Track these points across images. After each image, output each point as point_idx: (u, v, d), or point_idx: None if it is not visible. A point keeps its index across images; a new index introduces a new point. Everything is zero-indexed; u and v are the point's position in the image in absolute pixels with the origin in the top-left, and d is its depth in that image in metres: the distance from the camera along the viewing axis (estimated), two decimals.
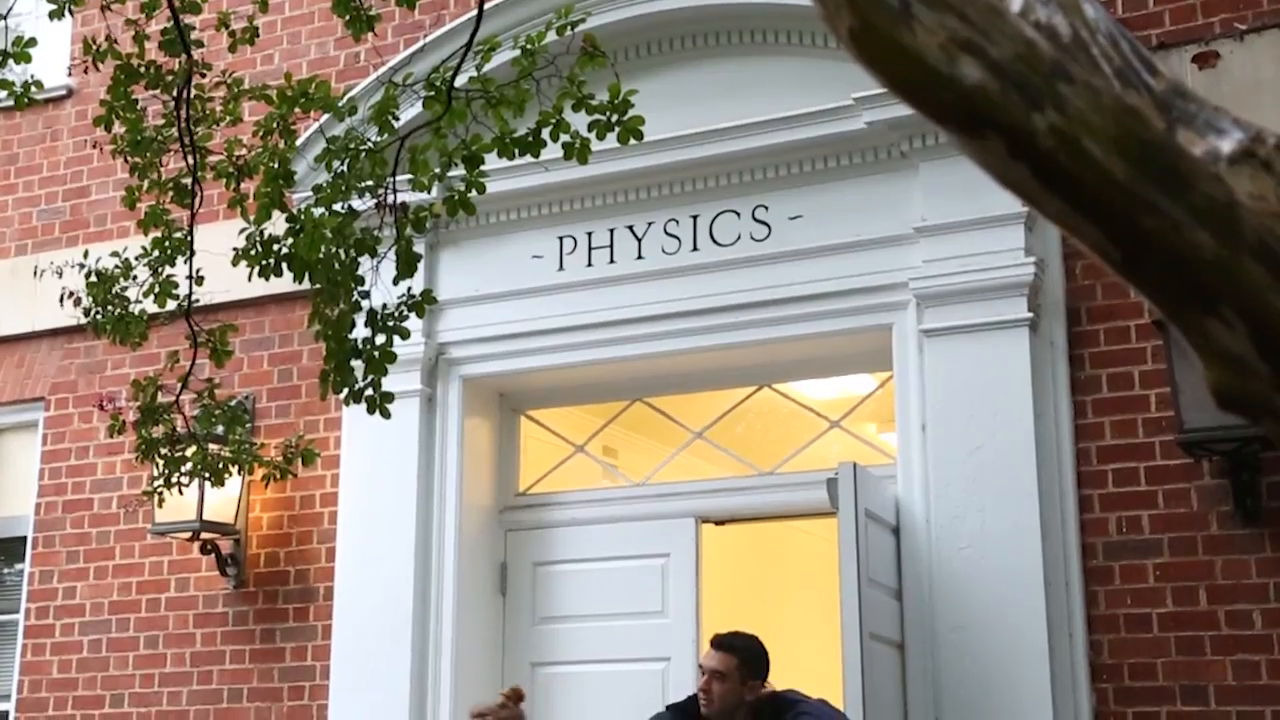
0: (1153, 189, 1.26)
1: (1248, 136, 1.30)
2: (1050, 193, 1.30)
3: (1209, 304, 1.24)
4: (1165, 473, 4.73)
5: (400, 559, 5.73)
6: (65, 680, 6.28)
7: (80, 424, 6.57)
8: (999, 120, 1.29)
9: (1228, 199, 1.25)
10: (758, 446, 6.15)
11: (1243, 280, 1.22)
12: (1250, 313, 1.23)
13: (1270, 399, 1.23)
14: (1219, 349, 1.25)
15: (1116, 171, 1.26)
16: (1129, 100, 1.28)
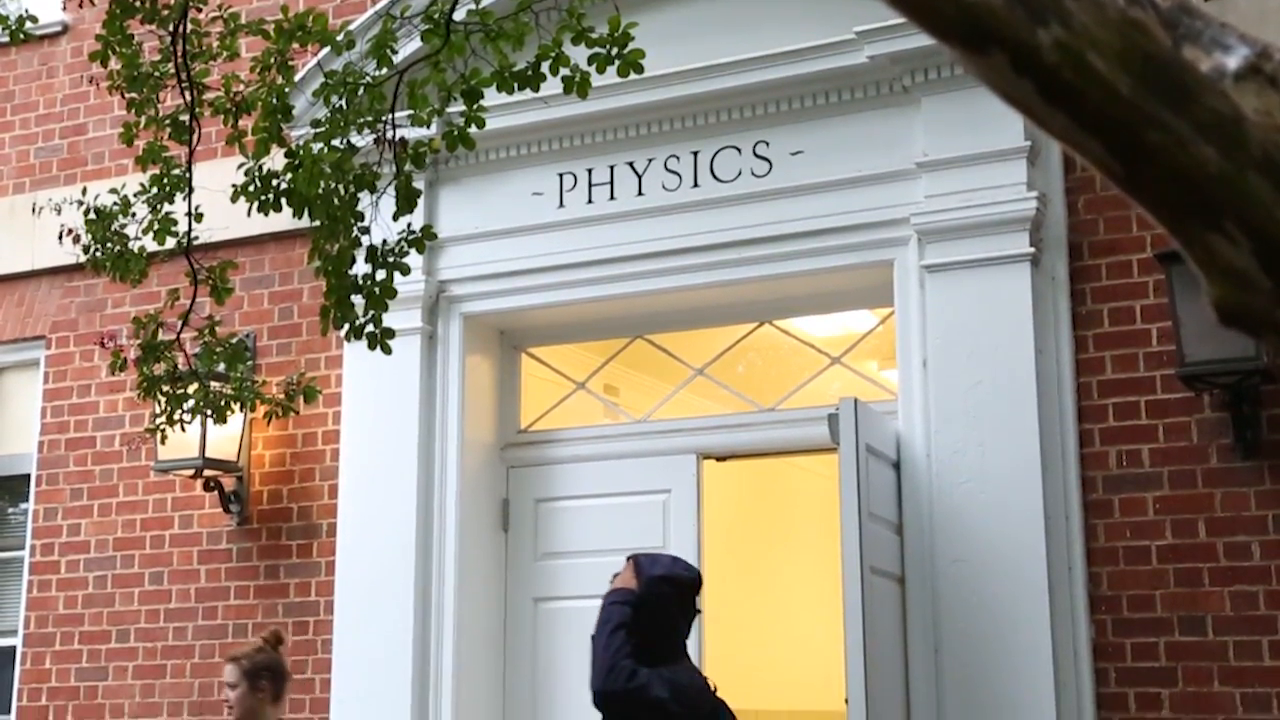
0: (1157, 104, 1.25)
1: (1254, 52, 1.29)
2: (1054, 109, 1.29)
3: (1213, 219, 1.24)
4: (1165, 406, 4.74)
5: (402, 496, 5.75)
6: (71, 616, 6.33)
7: (81, 362, 6.58)
8: (1003, 35, 1.28)
9: (1233, 114, 1.23)
10: (759, 383, 6.16)
11: (1247, 195, 1.22)
12: (1254, 228, 1.22)
13: (1273, 314, 1.23)
14: (1222, 264, 1.24)
15: (1121, 86, 1.25)
16: (1134, 15, 1.27)
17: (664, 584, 4.05)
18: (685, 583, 4.10)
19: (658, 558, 4.24)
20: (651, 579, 4.05)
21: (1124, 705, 4.64)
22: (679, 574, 4.12)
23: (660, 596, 4.04)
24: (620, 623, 4.01)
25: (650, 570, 4.09)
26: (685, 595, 4.10)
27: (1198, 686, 4.56)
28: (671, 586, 4.06)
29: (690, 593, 4.12)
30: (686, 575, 4.14)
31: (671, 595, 4.06)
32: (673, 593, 4.06)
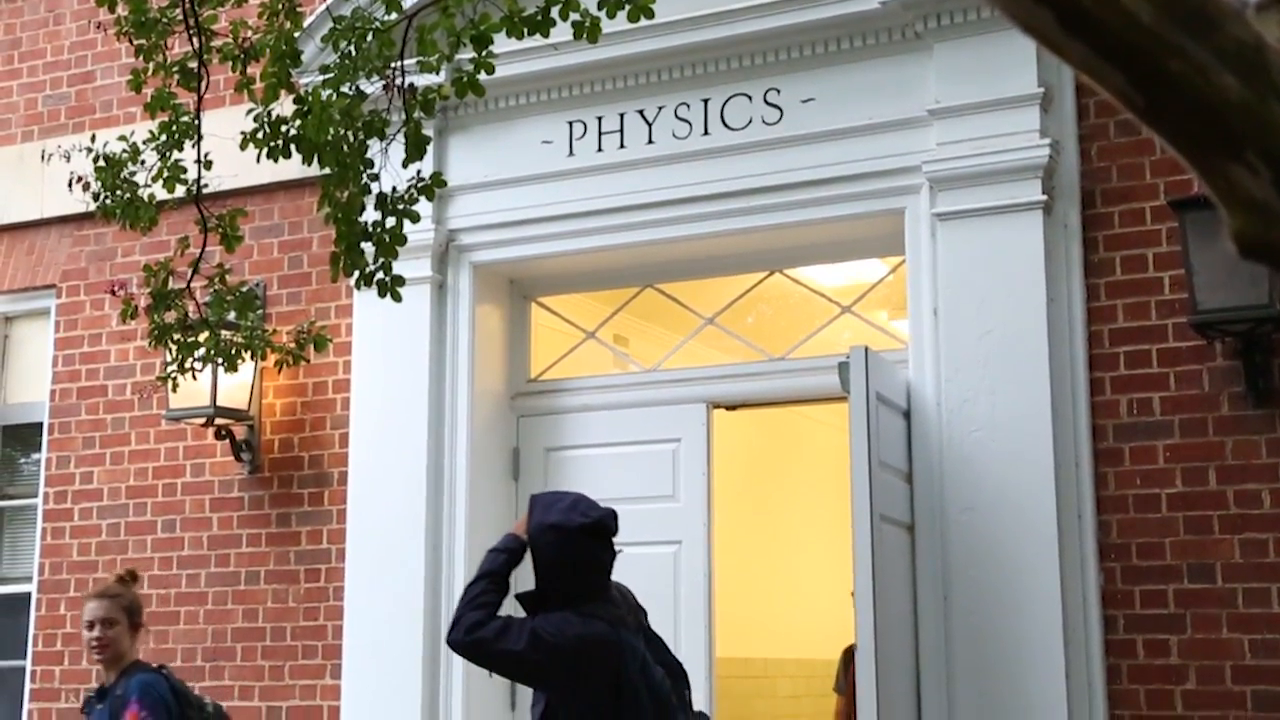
0: (1179, 32, 1.23)
1: None
2: (1074, 38, 1.28)
3: (1233, 149, 1.22)
4: (1177, 355, 4.73)
5: (413, 445, 5.77)
6: (85, 563, 6.37)
7: (92, 311, 6.58)
8: None
9: (1255, 42, 1.22)
10: (769, 332, 6.15)
11: (1268, 124, 1.20)
12: (1275, 157, 1.21)
13: None
14: (1242, 195, 1.23)
15: (1142, 14, 1.23)
16: None
17: (550, 532, 3.77)
18: (572, 530, 3.76)
19: (555, 502, 3.90)
20: (539, 526, 3.81)
21: (1132, 651, 4.66)
22: (570, 521, 3.78)
23: (546, 545, 3.78)
24: (486, 571, 3.84)
25: (541, 517, 3.83)
26: (576, 542, 3.77)
27: (1206, 633, 4.57)
28: (556, 534, 3.76)
29: (583, 538, 3.78)
30: (581, 521, 3.79)
31: (557, 543, 3.76)
32: (558, 540, 3.75)
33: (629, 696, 3.73)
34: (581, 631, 3.72)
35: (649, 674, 3.80)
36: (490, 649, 3.74)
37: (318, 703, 5.85)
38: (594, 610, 3.77)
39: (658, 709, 3.77)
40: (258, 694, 5.96)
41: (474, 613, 3.77)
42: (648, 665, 3.82)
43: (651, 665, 3.84)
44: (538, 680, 3.83)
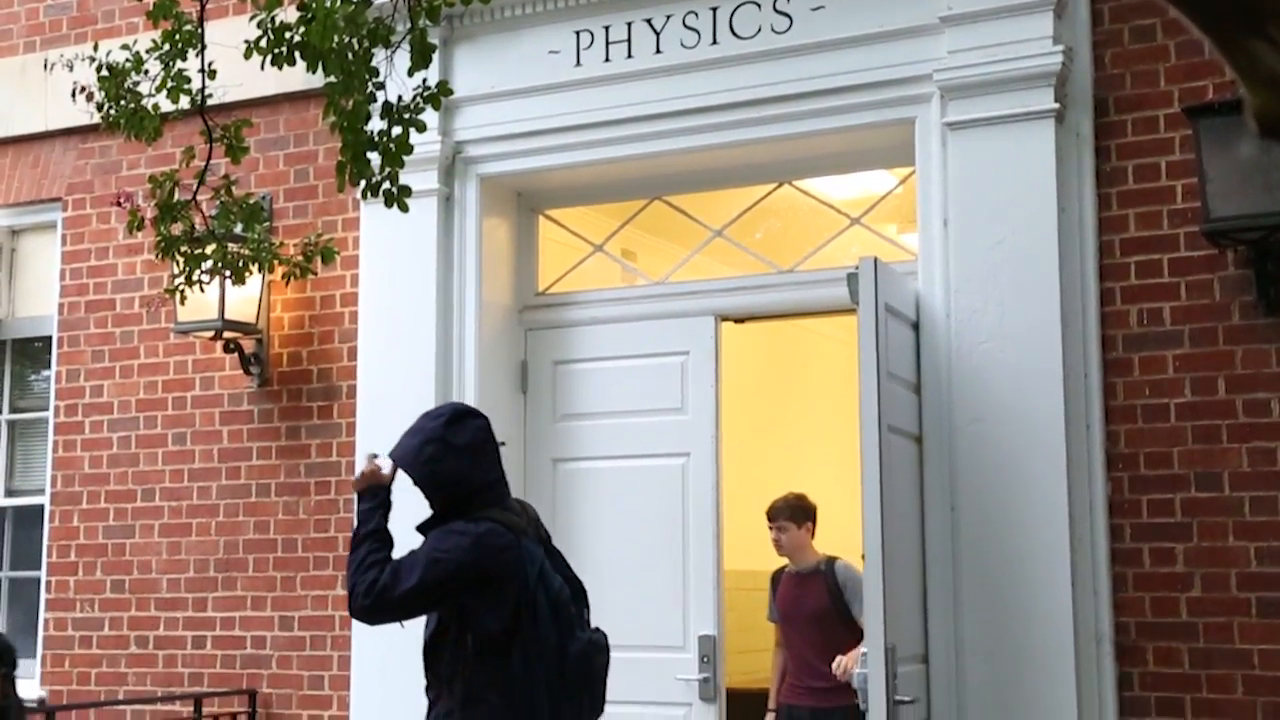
0: None
1: None
2: None
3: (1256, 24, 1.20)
4: (1188, 264, 4.70)
5: (421, 358, 5.77)
6: (97, 475, 6.41)
7: (99, 224, 6.57)
8: None
9: None
10: (777, 245, 6.13)
11: None
12: None
13: None
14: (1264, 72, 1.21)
15: None
16: None
17: (423, 449, 3.73)
18: (438, 430, 3.73)
19: (409, 431, 3.84)
20: (408, 453, 3.74)
21: (1138, 560, 4.69)
22: (431, 427, 3.77)
23: (426, 462, 3.72)
24: (366, 533, 3.74)
25: (405, 444, 3.77)
26: (447, 439, 3.73)
27: (1212, 541, 4.59)
28: (430, 446, 3.72)
29: (451, 430, 3.74)
30: (438, 420, 3.78)
31: (436, 456, 3.71)
32: (436, 452, 3.72)
33: (526, 603, 3.65)
34: (475, 534, 3.65)
35: (548, 582, 3.72)
36: (393, 597, 3.60)
37: (329, 613, 5.91)
38: (487, 515, 3.70)
39: (557, 617, 3.69)
40: (270, 604, 6.03)
41: (366, 574, 3.64)
42: (547, 573, 3.74)
43: (551, 574, 3.76)
44: (448, 603, 3.66)
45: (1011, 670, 4.69)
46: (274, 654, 5.98)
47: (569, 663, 3.68)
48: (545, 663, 3.64)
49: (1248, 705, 4.48)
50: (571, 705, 3.69)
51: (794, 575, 5.75)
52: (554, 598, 3.73)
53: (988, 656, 4.73)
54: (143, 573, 6.29)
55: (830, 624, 5.58)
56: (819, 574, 5.71)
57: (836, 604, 5.60)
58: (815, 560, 5.78)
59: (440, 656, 3.72)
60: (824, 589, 5.65)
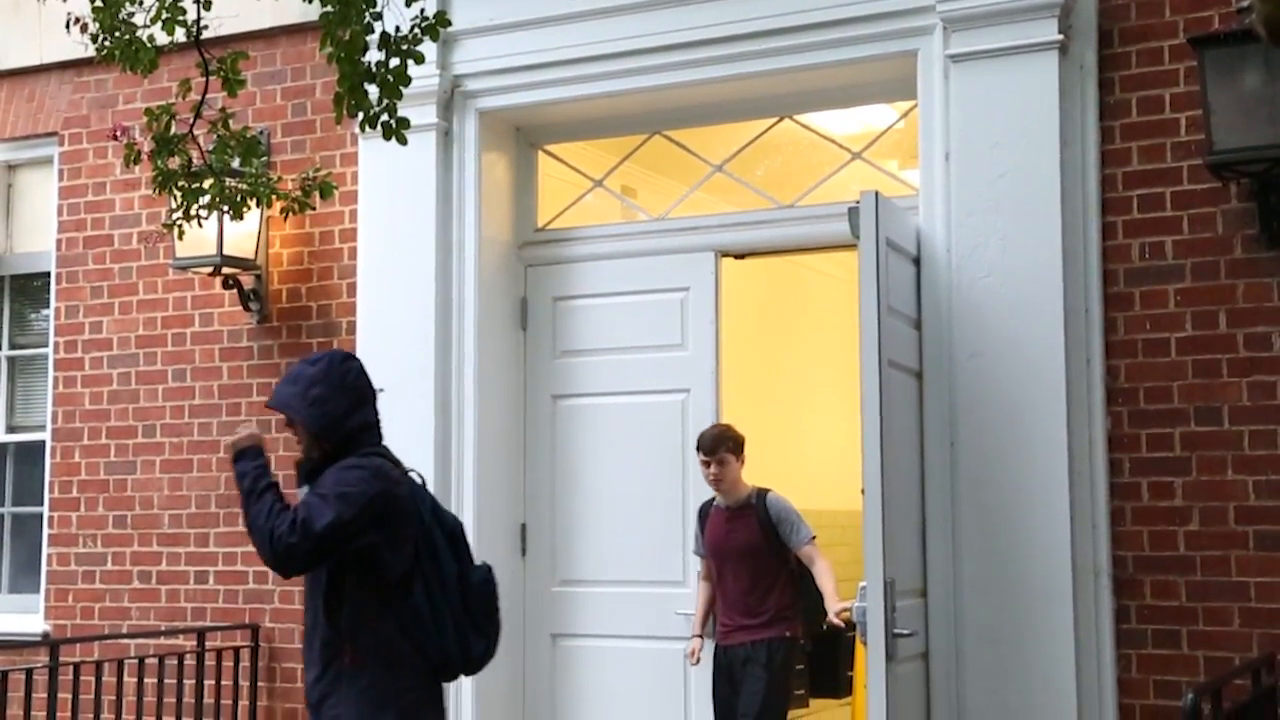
0: None
1: None
2: None
3: None
4: (1191, 197, 4.68)
5: (421, 294, 5.76)
6: (97, 411, 6.42)
7: (95, 159, 6.53)
8: None
9: None
10: (778, 180, 6.09)
11: None
12: None
13: None
14: None
15: None
16: None
17: (310, 390, 3.69)
18: (314, 374, 3.72)
19: (286, 379, 3.81)
20: (288, 399, 3.72)
21: (1137, 494, 4.70)
22: (310, 370, 3.75)
23: (313, 403, 3.68)
24: (264, 487, 3.66)
25: (288, 389, 3.74)
26: (325, 383, 3.70)
27: (1211, 475, 4.60)
28: (314, 388, 3.69)
29: (331, 374, 3.72)
30: (315, 365, 3.75)
31: (320, 397, 3.68)
32: (322, 393, 3.68)
33: (425, 538, 3.64)
34: (371, 467, 3.62)
35: (441, 516, 3.74)
36: (315, 531, 3.49)
37: None
38: (374, 453, 3.70)
39: (455, 549, 3.70)
40: None
41: (279, 519, 3.54)
42: (439, 508, 3.76)
43: (442, 508, 3.77)
44: (359, 541, 3.57)
45: (1009, 604, 4.71)
46: (275, 589, 6.01)
47: (472, 592, 3.68)
48: (449, 596, 3.64)
49: (1244, 637, 4.50)
50: (478, 634, 3.68)
51: (723, 510, 5.39)
52: (449, 531, 3.73)
53: (986, 590, 4.75)
54: (144, 508, 6.31)
55: (762, 559, 5.32)
56: (750, 507, 5.38)
57: (769, 538, 5.34)
58: (746, 493, 5.42)
59: (338, 612, 3.60)
60: (755, 523, 5.35)
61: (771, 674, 5.23)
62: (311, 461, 3.75)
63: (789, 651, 5.33)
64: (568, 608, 5.78)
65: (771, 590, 5.33)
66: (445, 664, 3.69)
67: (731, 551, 5.34)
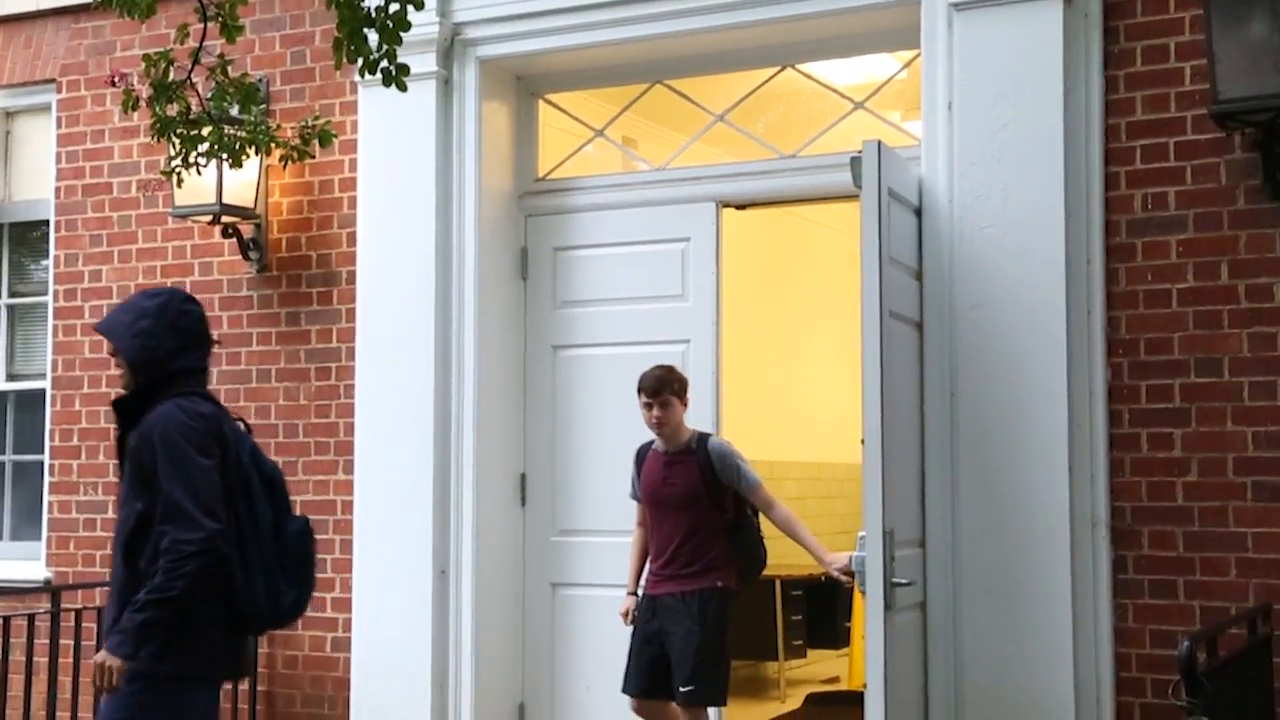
0: None
1: None
2: None
3: None
4: (1195, 148, 4.65)
5: (420, 243, 5.75)
6: (97, 360, 6.41)
7: (94, 107, 6.50)
8: None
9: None
10: (780, 130, 6.07)
11: None
12: None
13: None
14: None
15: None
16: None
17: (140, 321, 3.62)
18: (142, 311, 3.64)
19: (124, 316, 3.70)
20: (117, 328, 3.65)
21: (1136, 445, 4.70)
22: (143, 302, 3.68)
23: (139, 336, 3.62)
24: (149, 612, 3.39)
25: (123, 333, 3.65)
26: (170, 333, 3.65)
27: (1210, 426, 4.61)
28: (146, 320, 3.63)
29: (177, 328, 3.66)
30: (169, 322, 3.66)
31: (146, 331, 3.62)
32: (149, 326, 3.63)
33: (240, 481, 3.54)
34: (178, 404, 3.54)
35: (260, 461, 3.64)
36: (197, 519, 3.38)
37: (331, 497, 5.96)
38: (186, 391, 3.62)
39: (273, 497, 3.60)
40: None
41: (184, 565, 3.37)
42: (259, 453, 3.66)
43: (263, 455, 3.67)
44: None
45: (1007, 554, 4.73)
46: None
47: (287, 542, 3.59)
48: (262, 544, 3.54)
49: (1240, 587, 4.52)
50: (289, 585, 3.57)
51: (661, 454, 5.11)
52: (267, 477, 3.63)
53: (984, 540, 4.77)
54: None
55: (700, 508, 5.06)
56: (690, 453, 5.08)
57: (708, 485, 5.05)
58: (687, 438, 5.12)
59: (140, 552, 3.48)
60: (695, 469, 5.06)
61: (705, 628, 4.97)
62: (127, 397, 3.64)
63: (721, 602, 5.05)
64: (567, 557, 5.81)
65: (706, 540, 5.06)
66: (252, 613, 3.54)
67: (668, 499, 5.08)
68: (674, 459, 5.11)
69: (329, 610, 5.92)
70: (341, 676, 5.84)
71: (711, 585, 5.03)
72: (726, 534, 5.13)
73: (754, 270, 8.41)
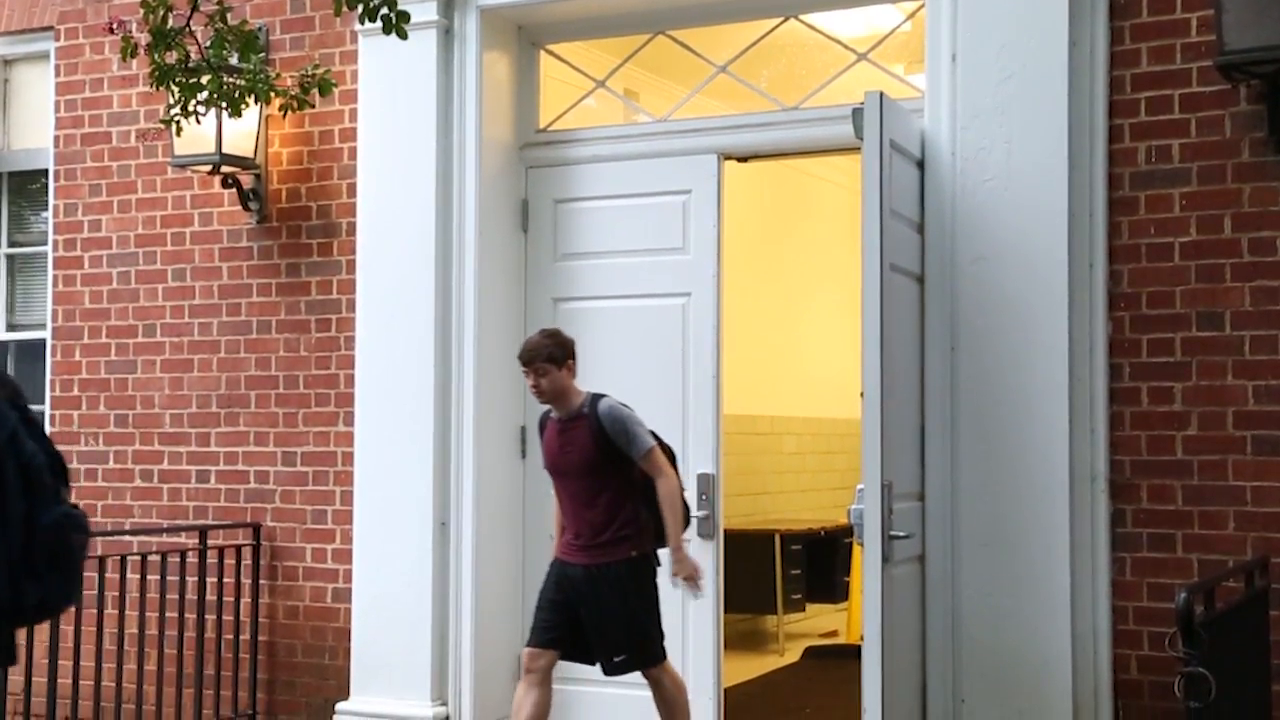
0: None
1: None
2: None
3: None
4: (1200, 100, 4.63)
5: (421, 196, 5.73)
6: (97, 310, 6.41)
7: (92, 55, 6.45)
8: None
9: None
10: (783, 82, 6.02)
11: None
12: None
13: None
14: None
15: None
16: None
17: None
18: None
19: None
20: None
21: (1136, 399, 4.70)
22: None
23: None
24: None
25: None
26: None
27: (1210, 380, 4.60)
28: None
29: None
30: None
31: None
32: None
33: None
34: None
35: (19, 446, 3.29)
36: None
37: (331, 449, 5.97)
38: None
39: (27, 486, 3.26)
40: (273, 440, 6.08)
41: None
42: (19, 438, 3.32)
43: (24, 439, 3.33)
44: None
45: (1006, 507, 4.74)
46: (277, 489, 6.05)
47: (38, 535, 3.26)
48: (9, 536, 3.21)
49: (1238, 540, 4.53)
50: (36, 583, 3.25)
51: (557, 422, 4.92)
52: (24, 463, 3.30)
53: (983, 494, 4.78)
54: (145, 408, 6.33)
55: (600, 473, 4.81)
56: (583, 418, 4.85)
57: (603, 451, 4.80)
58: (579, 402, 4.90)
59: None
60: (588, 435, 4.82)
61: (627, 603, 4.80)
62: None
63: (637, 572, 4.84)
64: None
65: (613, 507, 4.82)
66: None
67: (566, 467, 4.87)
68: (568, 426, 4.89)
69: (330, 561, 5.95)
70: (342, 627, 5.87)
71: (625, 556, 4.81)
72: (636, 498, 4.86)
73: (755, 225, 8.38)
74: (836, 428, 9.44)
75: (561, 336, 4.98)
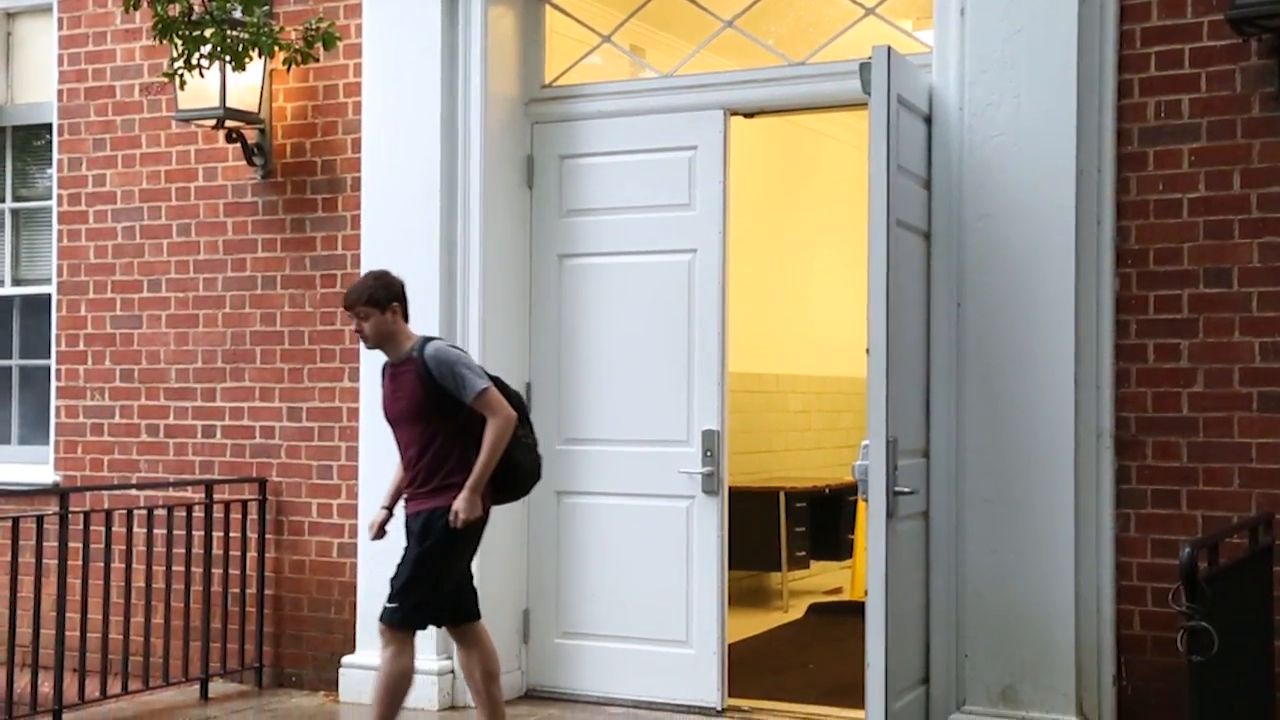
0: None
1: None
2: None
3: None
4: (1211, 54, 4.59)
5: (426, 151, 5.70)
6: (102, 265, 6.41)
7: (95, 8, 6.42)
8: None
9: None
10: (790, 37, 5.98)
11: None
12: None
13: None
14: None
15: None
16: None
17: None
18: None
19: None
20: None
21: (1142, 356, 4.69)
22: None
23: None
24: None
25: None
26: None
27: (1217, 337, 4.59)
28: None
29: None
30: None
31: None
32: None
33: None
34: None
35: None
36: None
37: (336, 404, 5.97)
38: None
39: None
40: (278, 395, 6.08)
41: None
42: None
43: None
44: None
45: (1010, 464, 4.74)
46: (283, 444, 6.07)
47: None
48: None
49: (1243, 497, 4.54)
50: None
51: (389, 367, 4.71)
52: None
53: (988, 450, 4.78)
54: (151, 363, 6.33)
55: (427, 420, 4.59)
56: (411, 362, 4.62)
57: (431, 395, 4.57)
58: (409, 346, 4.66)
59: None
60: (416, 379, 4.60)
61: (423, 548, 4.57)
62: None
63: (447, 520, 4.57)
64: (572, 465, 5.82)
65: (440, 454, 4.59)
66: None
67: (396, 415, 4.68)
68: (398, 371, 4.68)
69: (335, 516, 5.97)
70: (348, 581, 5.90)
71: (444, 504, 4.55)
72: (464, 445, 4.60)
73: (761, 182, 8.35)
74: (842, 386, 9.45)
75: (389, 278, 4.72)
